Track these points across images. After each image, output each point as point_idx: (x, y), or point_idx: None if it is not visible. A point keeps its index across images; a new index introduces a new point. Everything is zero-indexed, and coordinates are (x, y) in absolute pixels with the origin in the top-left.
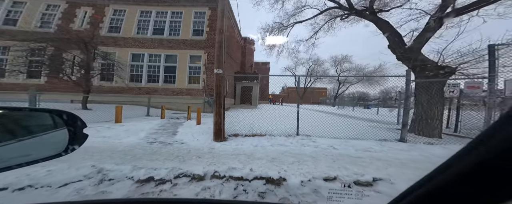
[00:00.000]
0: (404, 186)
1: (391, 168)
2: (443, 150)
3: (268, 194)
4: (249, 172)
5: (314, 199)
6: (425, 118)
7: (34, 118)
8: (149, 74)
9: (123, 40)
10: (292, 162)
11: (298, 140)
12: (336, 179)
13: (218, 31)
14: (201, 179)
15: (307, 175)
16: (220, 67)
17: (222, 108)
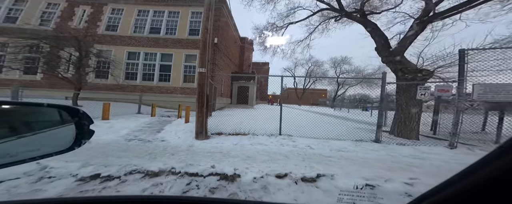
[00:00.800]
0: (344, 182)
1: (353, 166)
2: (412, 150)
3: (219, 189)
4: (208, 169)
5: (260, 194)
6: (403, 120)
7: (42, 114)
8: (144, 72)
9: (119, 38)
10: (264, 161)
11: (278, 140)
12: (287, 176)
13: (203, 30)
14: (155, 176)
15: (267, 172)
16: (203, 66)
17: (204, 107)
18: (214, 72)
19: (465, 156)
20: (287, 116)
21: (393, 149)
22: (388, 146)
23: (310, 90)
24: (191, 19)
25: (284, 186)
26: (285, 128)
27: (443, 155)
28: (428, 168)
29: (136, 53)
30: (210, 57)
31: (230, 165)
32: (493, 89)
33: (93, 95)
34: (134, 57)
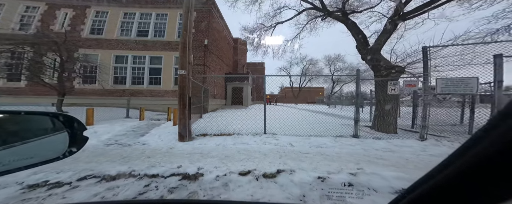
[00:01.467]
0: (301, 176)
1: (324, 161)
2: (385, 144)
3: (179, 189)
4: (171, 170)
5: (220, 191)
6: (382, 115)
7: (34, 122)
8: (134, 76)
9: (105, 42)
10: (241, 159)
11: (262, 139)
12: (250, 173)
13: (182, 32)
14: (112, 179)
15: (233, 170)
16: (183, 68)
17: (186, 109)
18: (205, 73)
19: (433, 147)
20: (279, 115)
21: (368, 143)
22: (365, 141)
23: (307, 88)
24: (180, 21)
25: (245, 183)
26: (272, 127)
27: (413, 147)
28: (394, 159)
29: (124, 56)
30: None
31: (203, 165)
32: (454, 83)
33: (81, 101)
34: (122, 60)
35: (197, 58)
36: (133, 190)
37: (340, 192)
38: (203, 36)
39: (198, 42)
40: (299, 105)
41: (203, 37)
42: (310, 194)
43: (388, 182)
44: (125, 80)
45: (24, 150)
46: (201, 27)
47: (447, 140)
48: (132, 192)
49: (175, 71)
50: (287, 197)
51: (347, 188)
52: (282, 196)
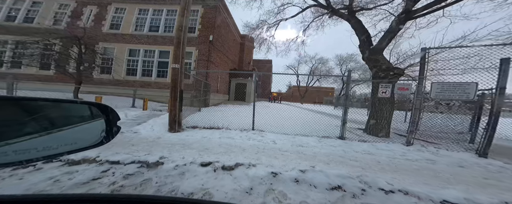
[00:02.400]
0: (257, 171)
1: (297, 160)
2: (368, 147)
3: (135, 175)
4: (132, 157)
5: (174, 179)
6: (376, 118)
7: (75, 110)
8: (144, 69)
9: (121, 36)
10: (218, 152)
11: (248, 135)
12: (210, 164)
13: (177, 28)
14: (76, 164)
15: (194, 161)
16: (176, 62)
17: (177, 101)
18: (208, 68)
19: (414, 152)
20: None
21: (351, 145)
22: (349, 143)
23: (316, 88)
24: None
25: (201, 173)
26: (263, 124)
27: (393, 152)
28: (365, 161)
29: (137, 50)
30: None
31: (178, 156)
32: (449, 88)
33: (98, 90)
34: (134, 54)
35: (201, 53)
36: (88, 175)
37: (284, 186)
38: (208, 32)
39: (204, 38)
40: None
41: (208, 33)
42: (258, 187)
43: (328, 179)
44: (136, 72)
45: (69, 135)
46: (207, 23)
47: (433, 146)
48: (85, 177)
49: None
50: (235, 188)
51: (292, 184)
52: (231, 187)
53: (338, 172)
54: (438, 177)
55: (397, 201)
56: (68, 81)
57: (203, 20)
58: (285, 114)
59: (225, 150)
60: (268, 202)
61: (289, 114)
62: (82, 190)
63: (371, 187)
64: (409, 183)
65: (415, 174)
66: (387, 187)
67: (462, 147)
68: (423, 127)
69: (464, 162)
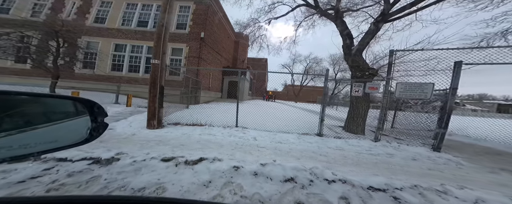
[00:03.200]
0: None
1: (271, 155)
2: (341, 143)
3: (83, 173)
4: (83, 154)
5: (127, 175)
6: (353, 116)
7: (58, 105)
8: (131, 64)
9: (107, 30)
10: (193, 149)
11: (231, 131)
12: (174, 159)
13: (159, 23)
14: (17, 162)
15: (156, 156)
16: (157, 57)
17: (156, 97)
18: (199, 66)
19: (380, 148)
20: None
21: (326, 142)
22: (325, 139)
23: (311, 87)
24: (179, 13)
25: (161, 168)
26: (249, 121)
27: (362, 147)
28: (333, 156)
29: (123, 45)
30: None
31: (144, 152)
32: (411, 88)
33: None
34: (121, 49)
35: (192, 50)
36: (26, 173)
37: (242, 179)
38: (200, 29)
39: (195, 35)
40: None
41: (200, 30)
42: (217, 180)
43: (284, 172)
44: (122, 68)
45: (49, 133)
46: (199, 20)
47: (396, 142)
48: (21, 176)
49: (170, 62)
50: (193, 182)
51: (251, 176)
52: (189, 181)
53: (294, 165)
54: (389, 168)
55: (335, 189)
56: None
57: (195, 17)
58: (274, 112)
59: (202, 146)
60: (224, 194)
61: (278, 112)
62: (14, 190)
63: (318, 178)
64: (356, 174)
65: (371, 166)
66: (331, 178)
67: (422, 142)
68: (397, 124)
69: (418, 155)
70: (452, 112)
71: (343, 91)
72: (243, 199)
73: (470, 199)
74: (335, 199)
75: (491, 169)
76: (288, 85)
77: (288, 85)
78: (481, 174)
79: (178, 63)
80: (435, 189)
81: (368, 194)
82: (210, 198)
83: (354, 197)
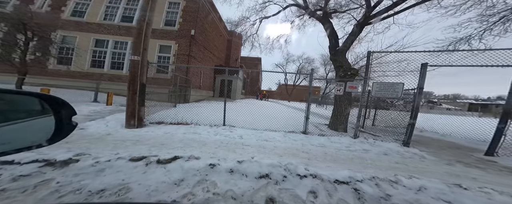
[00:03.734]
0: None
1: (254, 153)
2: (324, 140)
3: (32, 176)
4: (35, 156)
5: (86, 177)
6: (336, 114)
7: (20, 103)
8: (113, 61)
9: (86, 25)
10: (173, 147)
11: (217, 130)
12: (144, 159)
13: (140, 18)
14: None
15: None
16: (136, 54)
17: (136, 95)
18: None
19: (358, 144)
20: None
21: (310, 139)
22: (309, 137)
23: (304, 87)
24: (168, 9)
25: (128, 168)
26: (237, 120)
27: (342, 144)
28: (314, 153)
29: (105, 41)
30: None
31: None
32: (385, 87)
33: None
34: (102, 45)
35: (182, 48)
36: None
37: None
38: (190, 26)
39: (185, 32)
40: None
41: (190, 27)
42: (190, 178)
43: (260, 168)
44: (104, 65)
45: (4, 134)
46: (189, 17)
47: (373, 138)
48: None
49: (158, 59)
50: (163, 181)
51: (226, 174)
52: (158, 180)
53: (270, 162)
54: (362, 163)
55: (305, 183)
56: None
57: (185, 14)
58: (265, 111)
59: (184, 145)
60: (196, 191)
61: (268, 111)
62: None
63: (291, 173)
64: (331, 169)
65: (347, 162)
66: (303, 173)
67: (395, 138)
68: (377, 122)
69: (389, 150)
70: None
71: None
72: (215, 196)
73: (414, 187)
74: (304, 194)
75: (448, 161)
76: (281, 85)
77: (281, 84)
78: (439, 166)
79: (167, 60)
80: (389, 179)
81: (333, 187)
82: (180, 197)
83: (321, 191)
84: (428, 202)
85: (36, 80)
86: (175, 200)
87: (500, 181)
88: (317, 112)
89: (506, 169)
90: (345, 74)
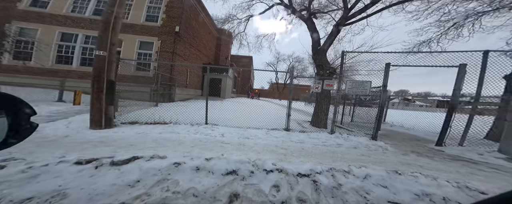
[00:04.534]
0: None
1: (231, 150)
2: (303, 136)
3: None
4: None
5: (11, 184)
6: (317, 111)
7: None
8: (84, 57)
9: (50, 17)
10: (144, 148)
11: (198, 129)
12: (95, 161)
13: (107, 11)
14: None
15: (71, 159)
16: (102, 49)
17: (103, 93)
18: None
19: (333, 139)
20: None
21: (291, 136)
22: (291, 134)
23: (296, 85)
24: (150, 4)
25: (71, 172)
26: (221, 118)
27: (319, 139)
28: (292, 149)
29: (74, 35)
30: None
31: (71, 155)
32: (356, 85)
33: (10, 79)
34: (70, 39)
35: (165, 44)
36: None
37: (181, 175)
38: (174, 23)
39: (169, 28)
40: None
41: (174, 24)
42: (149, 178)
43: (228, 165)
44: (72, 60)
45: None
46: (173, 13)
47: (347, 133)
48: None
49: (138, 56)
50: (114, 183)
51: (191, 172)
52: (107, 183)
53: (238, 158)
54: (332, 157)
55: (271, 178)
56: None
57: (168, 9)
58: (253, 109)
59: (157, 145)
60: (153, 192)
61: (256, 109)
62: None
63: (259, 169)
64: (302, 163)
65: (320, 156)
66: (270, 168)
67: (366, 133)
68: (356, 118)
69: (359, 144)
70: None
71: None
72: (174, 194)
73: (361, 175)
74: (268, 188)
75: (405, 152)
76: (273, 83)
77: (273, 83)
78: (396, 156)
79: (148, 58)
80: (343, 170)
81: (296, 180)
82: (132, 198)
83: (284, 184)
84: (370, 188)
85: None
86: (124, 202)
87: (440, 167)
88: (305, 110)
89: (449, 157)
90: (324, 73)
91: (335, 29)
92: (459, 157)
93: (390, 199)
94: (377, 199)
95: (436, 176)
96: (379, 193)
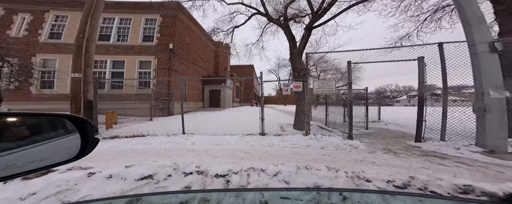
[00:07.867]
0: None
1: (191, 157)
2: (276, 139)
3: None
4: None
5: None
6: (298, 113)
7: (48, 124)
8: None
9: (64, 46)
10: (100, 160)
11: (173, 139)
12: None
13: (77, 35)
14: None
15: None
16: (76, 71)
17: (80, 112)
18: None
19: (306, 140)
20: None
21: (263, 140)
22: (264, 138)
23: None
24: (145, 25)
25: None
26: (200, 127)
27: (291, 142)
28: (256, 153)
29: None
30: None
31: None
32: (323, 84)
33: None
34: None
35: (162, 62)
36: None
37: (88, 184)
38: (168, 41)
39: (164, 46)
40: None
41: (168, 42)
42: (47, 190)
43: (148, 170)
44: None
45: (38, 152)
46: (167, 32)
47: (321, 134)
48: None
49: (138, 75)
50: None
51: (101, 180)
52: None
53: (161, 163)
54: (291, 158)
55: (186, 180)
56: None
57: (162, 29)
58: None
59: (116, 157)
60: (49, 202)
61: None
62: None
63: (178, 172)
64: (250, 166)
65: (278, 158)
66: (191, 170)
67: (342, 132)
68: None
69: (330, 144)
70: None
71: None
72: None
73: (273, 173)
74: (178, 188)
75: (374, 150)
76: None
77: (278, 90)
78: (358, 155)
79: (148, 76)
80: (260, 168)
81: (211, 181)
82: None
83: (196, 185)
84: (272, 184)
85: (20, 106)
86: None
87: (396, 163)
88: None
89: (421, 153)
90: (298, 75)
91: (306, 32)
92: (433, 152)
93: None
94: None
95: (350, 170)
96: None
